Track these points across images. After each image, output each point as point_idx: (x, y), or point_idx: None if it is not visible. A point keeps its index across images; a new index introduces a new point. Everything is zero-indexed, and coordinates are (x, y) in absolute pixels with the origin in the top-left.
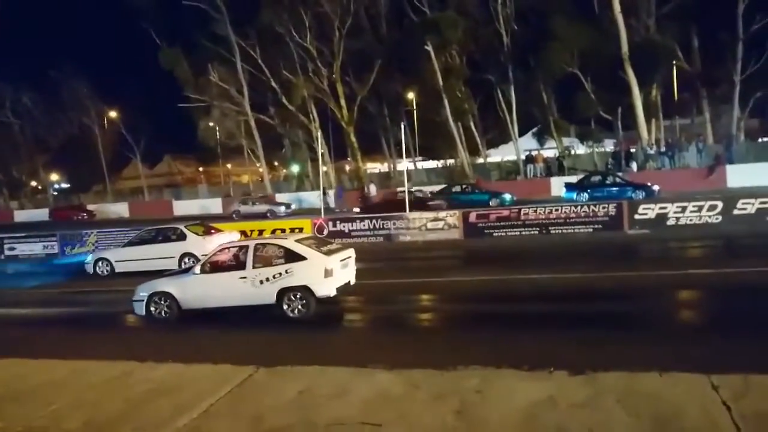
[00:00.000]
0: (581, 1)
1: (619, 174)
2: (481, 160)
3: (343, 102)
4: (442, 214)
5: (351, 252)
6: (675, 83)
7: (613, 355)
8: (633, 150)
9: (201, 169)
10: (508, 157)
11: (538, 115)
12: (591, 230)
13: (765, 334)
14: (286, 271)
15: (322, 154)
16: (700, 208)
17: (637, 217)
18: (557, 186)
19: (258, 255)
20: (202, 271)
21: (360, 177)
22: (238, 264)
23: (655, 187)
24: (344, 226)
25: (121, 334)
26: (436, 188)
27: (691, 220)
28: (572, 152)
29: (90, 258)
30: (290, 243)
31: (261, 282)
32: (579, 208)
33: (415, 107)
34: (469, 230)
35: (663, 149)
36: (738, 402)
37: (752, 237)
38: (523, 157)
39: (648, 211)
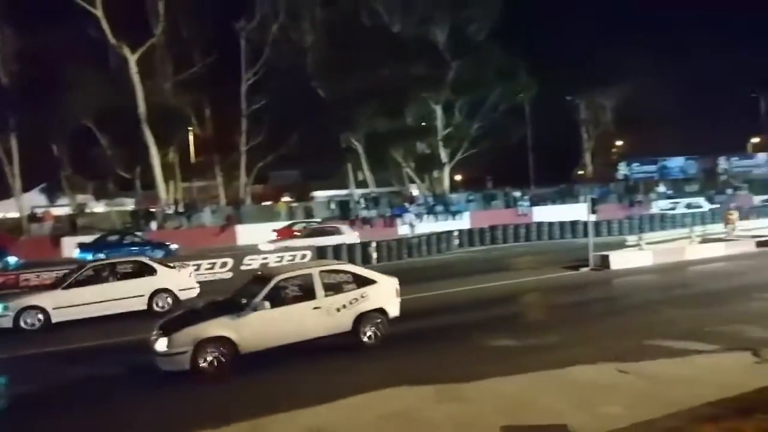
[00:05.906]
0: (98, 52)
1: (138, 233)
2: None
3: None
4: None
5: None
6: (192, 147)
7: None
8: (153, 209)
9: None
10: (10, 214)
11: (48, 170)
12: None
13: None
14: (362, 296)
15: None
16: (214, 265)
17: None
18: (70, 246)
19: (326, 283)
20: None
21: None
22: (305, 294)
23: (174, 246)
24: None
25: None
26: None
27: (206, 276)
28: (88, 210)
29: None
30: (355, 268)
31: (337, 310)
32: None
33: None
34: None
35: (181, 209)
36: None
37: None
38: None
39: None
